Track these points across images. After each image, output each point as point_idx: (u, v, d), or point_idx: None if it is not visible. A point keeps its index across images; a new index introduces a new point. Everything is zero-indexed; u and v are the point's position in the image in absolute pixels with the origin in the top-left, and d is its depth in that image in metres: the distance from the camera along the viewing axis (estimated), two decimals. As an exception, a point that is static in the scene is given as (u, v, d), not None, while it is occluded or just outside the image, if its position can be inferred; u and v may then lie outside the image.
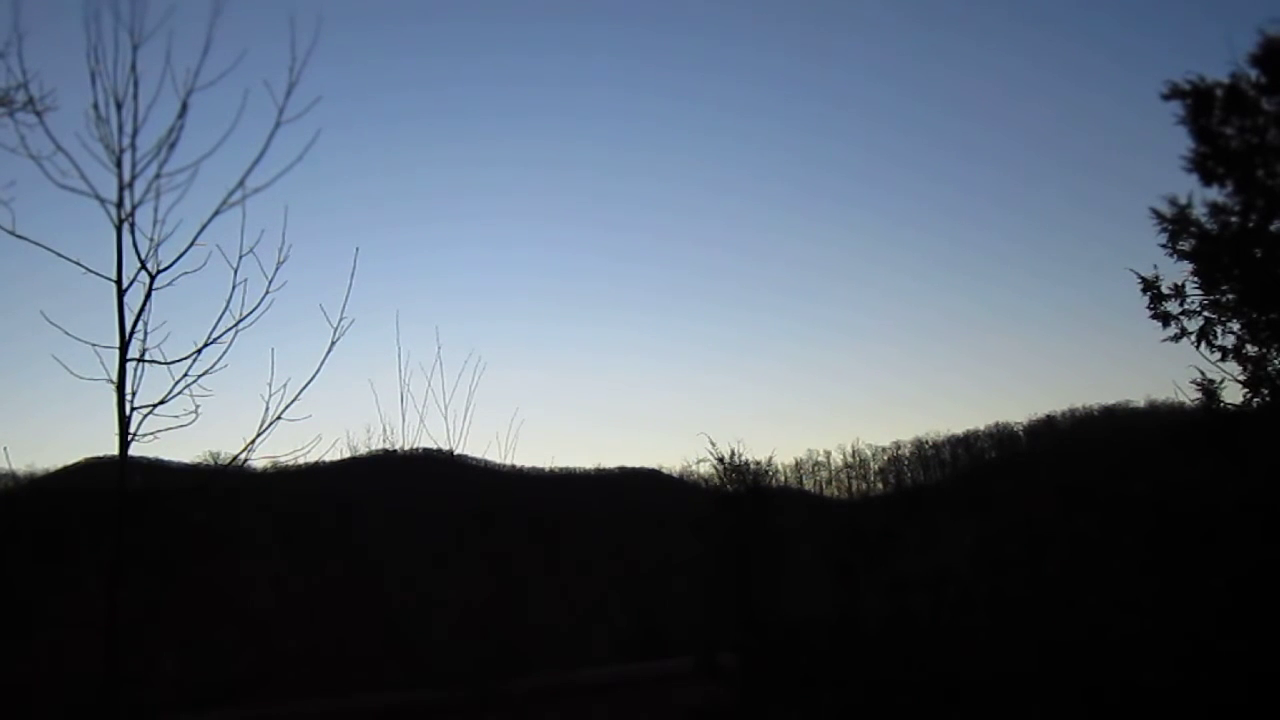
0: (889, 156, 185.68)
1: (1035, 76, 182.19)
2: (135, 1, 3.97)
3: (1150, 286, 7.51)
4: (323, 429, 5.21)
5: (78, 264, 4.11)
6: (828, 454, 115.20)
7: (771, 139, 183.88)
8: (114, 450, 4.08)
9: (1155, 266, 7.52)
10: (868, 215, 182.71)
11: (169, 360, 4.16)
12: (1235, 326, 7.21)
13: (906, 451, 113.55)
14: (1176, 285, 7.42)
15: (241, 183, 4.07)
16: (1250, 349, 7.14)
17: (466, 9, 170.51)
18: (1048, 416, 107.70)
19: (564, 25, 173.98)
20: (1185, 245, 7.25)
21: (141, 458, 4.31)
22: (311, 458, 5.81)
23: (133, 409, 4.05)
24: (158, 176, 4.05)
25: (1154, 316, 7.49)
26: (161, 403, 4.12)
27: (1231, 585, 6.75)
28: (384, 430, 10.32)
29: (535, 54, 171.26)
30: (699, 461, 9.22)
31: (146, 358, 4.10)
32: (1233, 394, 7.24)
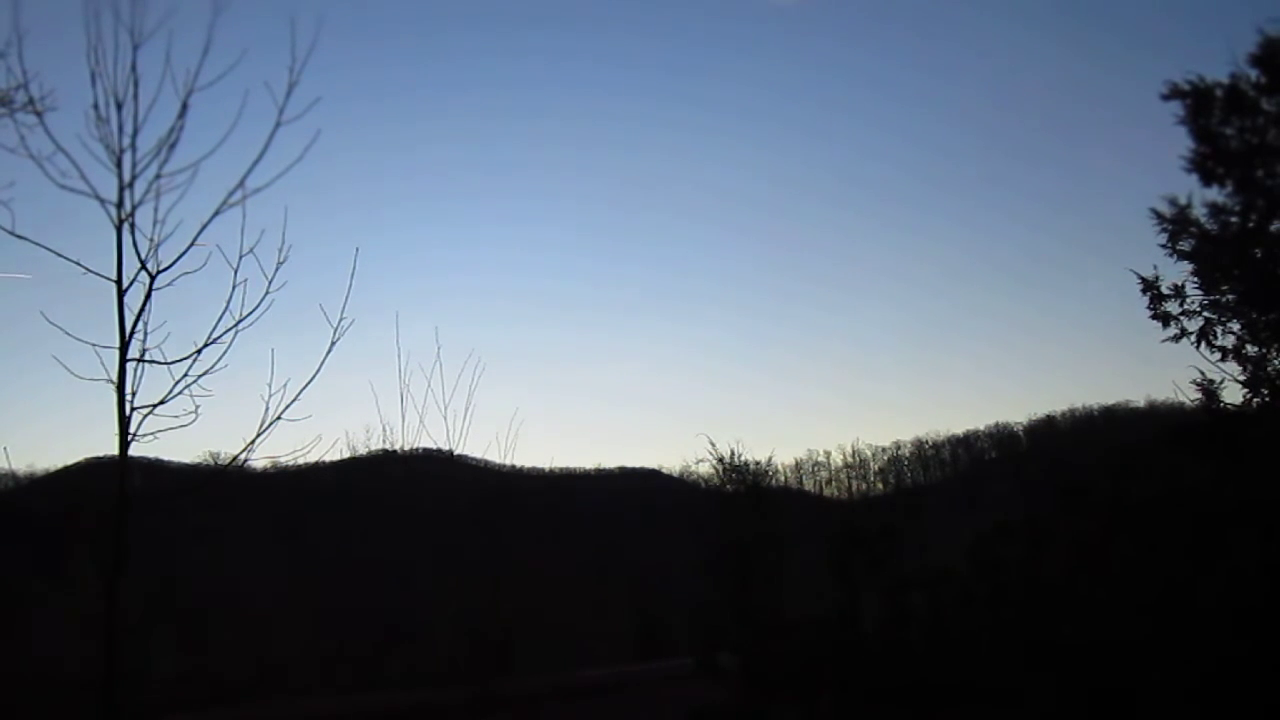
0: (889, 158, 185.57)
1: (1035, 76, 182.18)
2: (135, 1, 3.96)
3: (1150, 287, 7.51)
4: (323, 429, 5.20)
5: (78, 264, 4.10)
6: (828, 454, 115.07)
7: (771, 140, 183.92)
8: (114, 450, 4.08)
9: (1155, 267, 7.52)
10: (868, 216, 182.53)
11: (169, 360, 4.15)
12: (1235, 327, 7.21)
13: (906, 451, 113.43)
14: (1176, 285, 7.42)
15: (241, 183, 4.07)
16: (1250, 349, 7.14)
17: (467, 10, 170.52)
18: (1048, 416, 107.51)
19: (565, 27, 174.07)
20: (1185, 245, 7.25)
21: (141, 458, 4.30)
22: (311, 458, 5.82)
23: (133, 409, 4.05)
24: (158, 177, 4.04)
25: (1154, 317, 7.49)
26: (161, 403, 4.12)
27: (1232, 585, 6.75)
28: (384, 430, 10.32)
29: (536, 55, 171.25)
30: (699, 461, 9.24)
31: (146, 358, 4.09)
32: (1233, 394, 7.25)
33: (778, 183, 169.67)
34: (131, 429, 4.05)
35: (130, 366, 4.05)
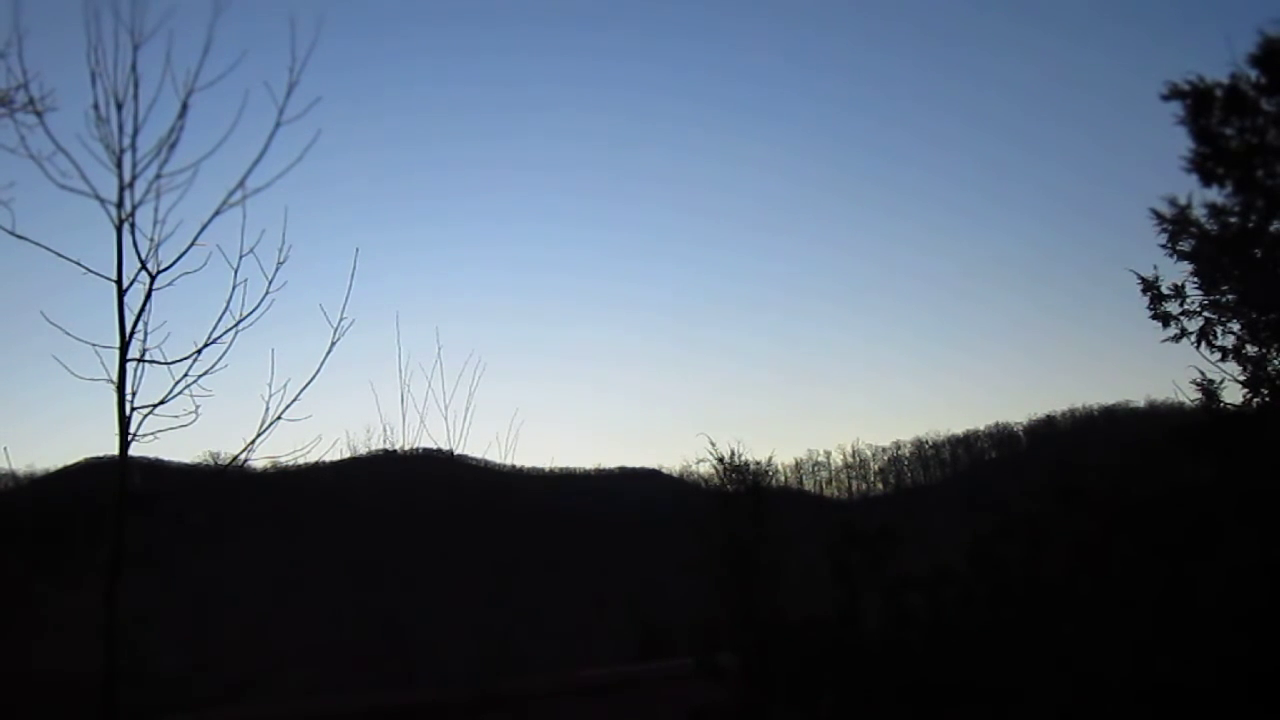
0: (889, 157, 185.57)
1: (1035, 76, 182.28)
2: (135, 1, 3.97)
3: (1150, 287, 7.52)
4: (323, 429, 5.20)
5: (78, 264, 4.11)
6: (828, 454, 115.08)
7: (772, 140, 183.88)
8: (114, 450, 4.08)
9: (1155, 267, 7.54)
10: (868, 216, 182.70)
11: (169, 360, 4.16)
12: (1235, 327, 7.22)
13: (906, 451, 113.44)
14: (1176, 285, 7.43)
15: (241, 183, 4.07)
16: (1250, 349, 7.15)
17: (467, 9, 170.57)
18: (1048, 416, 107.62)
19: (564, 24, 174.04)
20: (1185, 246, 7.26)
21: (141, 458, 4.30)
22: (311, 458, 5.82)
23: (133, 409, 4.05)
24: (158, 177, 4.04)
25: (1154, 317, 7.50)
26: (161, 403, 4.12)
27: (1231, 585, 6.75)
28: (384, 430, 10.30)
29: (535, 53, 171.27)
30: (699, 461, 9.23)
31: (146, 358, 4.10)
32: (1233, 394, 7.26)
33: (779, 181, 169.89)
34: (131, 429, 4.06)
35: (130, 366, 4.06)
